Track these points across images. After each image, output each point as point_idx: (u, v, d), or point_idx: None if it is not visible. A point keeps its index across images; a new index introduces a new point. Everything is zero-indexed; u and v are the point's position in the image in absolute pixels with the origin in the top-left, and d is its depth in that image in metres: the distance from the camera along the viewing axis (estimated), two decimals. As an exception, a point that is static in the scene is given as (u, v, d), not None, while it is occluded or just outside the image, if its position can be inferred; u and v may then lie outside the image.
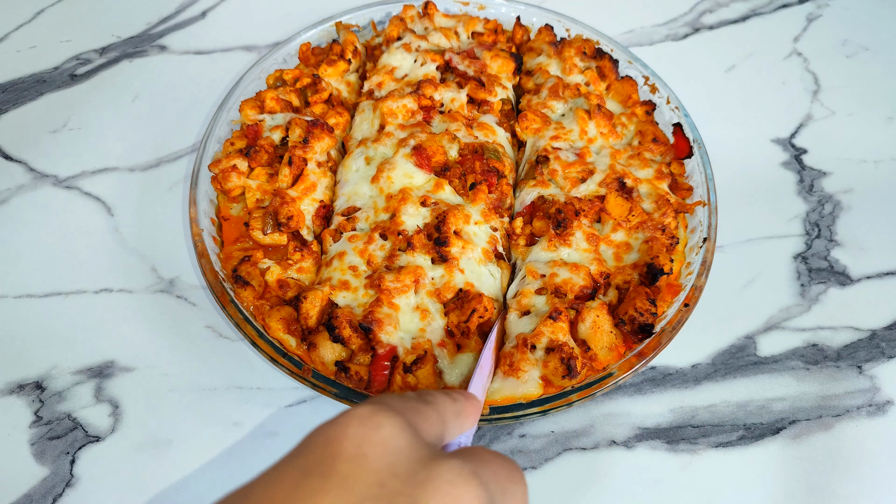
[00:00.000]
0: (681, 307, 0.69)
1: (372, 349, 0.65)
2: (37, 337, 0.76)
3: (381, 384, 0.65)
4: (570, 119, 0.85)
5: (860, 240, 0.87)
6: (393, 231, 0.73)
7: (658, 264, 0.70)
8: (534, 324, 0.67)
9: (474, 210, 0.76)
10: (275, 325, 0.67)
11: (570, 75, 0.90)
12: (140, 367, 0.74)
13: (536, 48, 0.96)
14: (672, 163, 0.82)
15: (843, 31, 1.09)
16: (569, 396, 0.64)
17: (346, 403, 0.63)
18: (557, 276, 0.70)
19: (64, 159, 0.90)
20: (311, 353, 0.66)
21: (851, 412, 0.73)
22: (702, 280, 0.71)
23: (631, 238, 0.75)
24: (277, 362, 0.65)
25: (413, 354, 0.65)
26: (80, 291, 0.79)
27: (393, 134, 0.82)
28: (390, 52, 0.92)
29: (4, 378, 0.73)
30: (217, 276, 0.70)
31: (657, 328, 0.68)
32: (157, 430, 0.70)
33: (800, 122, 0.98)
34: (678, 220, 0.76)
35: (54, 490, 0.67)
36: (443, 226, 0.72)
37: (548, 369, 0.64)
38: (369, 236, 0.73)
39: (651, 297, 0.68)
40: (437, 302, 0.70)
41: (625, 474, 0.69)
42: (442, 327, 0.68)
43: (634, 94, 0.89)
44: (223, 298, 0.69)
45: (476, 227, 0.75)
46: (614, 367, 0.65)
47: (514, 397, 0.64)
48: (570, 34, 0.97)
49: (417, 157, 0.78)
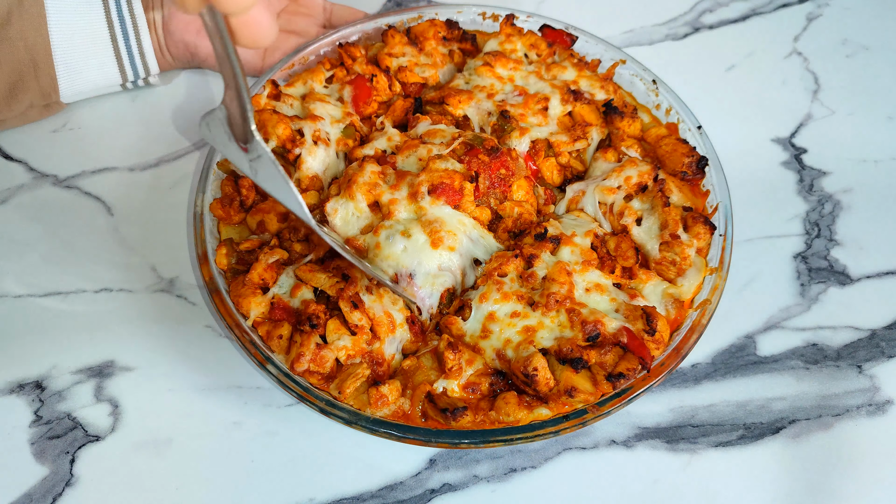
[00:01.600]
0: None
1: None
2: (37, 337, 0.76)
3: None
4: (477, 74, 0.88)
5: (860, 239, 0.87)
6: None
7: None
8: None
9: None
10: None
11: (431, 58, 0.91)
12: (140, 367, 0.74)
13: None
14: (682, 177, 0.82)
15: (843, 31, 1.09)
16: (560, 423, 0.64)
17: (330, 413, 0.64)
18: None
19: (64, 159, 0.90)
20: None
21: (851, 412, 0.73)
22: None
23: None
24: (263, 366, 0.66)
25: None
26: (80, 291, 0.79)
27: (396, 199, 0.74)
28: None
29: (4, 378, 0.73)
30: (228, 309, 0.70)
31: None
32: (157, 429, 0.70)
33: (800, 122, 0.98)
34: (693, 238, 0.75)
35: (54, 489, 0.67)
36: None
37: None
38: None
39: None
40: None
41: (625, 474, 0.69)
42: None
43: (542, 45, 0.92)
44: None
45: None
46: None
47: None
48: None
49: (444, 195, 0.73)
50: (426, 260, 0.71)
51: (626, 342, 0.66)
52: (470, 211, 0.75)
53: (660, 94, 0.89)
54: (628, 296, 0.71)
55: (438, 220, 0.72)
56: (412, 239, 0.71)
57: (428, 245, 0.71)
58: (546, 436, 0.64)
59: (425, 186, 0.73)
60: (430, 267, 0.71)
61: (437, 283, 0.71)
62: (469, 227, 0.74)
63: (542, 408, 0.64)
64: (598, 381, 0.66)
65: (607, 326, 0.67)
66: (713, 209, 0.79)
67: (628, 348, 0.66)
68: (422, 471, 0.69)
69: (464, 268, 0.73)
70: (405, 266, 0.70)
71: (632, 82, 0.91)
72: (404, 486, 0.68)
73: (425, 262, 0.71)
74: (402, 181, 0.74)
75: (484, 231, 0.75)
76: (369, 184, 0.74)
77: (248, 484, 0.68)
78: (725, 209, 0.78)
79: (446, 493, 0.68)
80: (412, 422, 0.65)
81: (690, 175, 0.81)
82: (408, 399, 0.66)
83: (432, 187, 0.73)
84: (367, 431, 0.64)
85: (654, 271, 0.74)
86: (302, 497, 0.67)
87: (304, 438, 0.70)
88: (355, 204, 0.74)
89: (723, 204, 0.78)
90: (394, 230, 0.72)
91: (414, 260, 0.70)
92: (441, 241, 0.71)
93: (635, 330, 0.67)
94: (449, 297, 0.73)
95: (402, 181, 0.74)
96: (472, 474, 0.69)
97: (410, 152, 0.78)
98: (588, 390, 0.65)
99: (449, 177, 0.73)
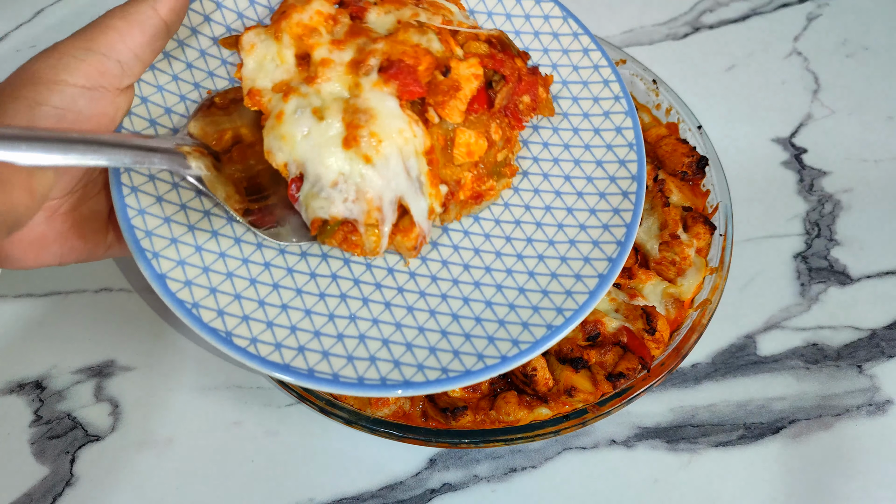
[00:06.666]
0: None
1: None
2: (37, 337, 0.76)
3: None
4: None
5: (860, 239, 0.87)
6: None
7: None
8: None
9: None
10: None
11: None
12: (140, 367, 0.74)
13: None
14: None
15: (843, 31, 1.09)
16: (560, 423, 0.64)
17: (330, 413, 0.64)
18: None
19: (64, 159, 0.90)
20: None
21: (851, 411, 0.73)
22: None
23: None
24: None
25: None
26: (80, 291, 0.79)
27: (332, 60, 0.53)
28: None
29: (4, 377, 0.73)
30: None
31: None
32: (157, 429, 0.70)
33: (800, 122, 0.98)
34: (693, 238, 0.75)
35: (54, 489, 0.67)
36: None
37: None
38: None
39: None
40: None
41: (625, 474, 0.69)
42: None
43: None
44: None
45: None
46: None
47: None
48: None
49: (396, 80, 0.51)
50: (326, 159, 0.50)
51: (625, 342, 0.66)
52: (432, 126, 0.53)
53: (660, 94, 0.89)
54: (628, 295, 0.71)
55: (369, 112, 0.51)
56: (323, 124, 0.51)
57: (339, 140, 0.50)
58: (546, 436, 0.64)
59: (377, 59, 0.52)
60: (326, 173, 0.50)
61: (321, 201, 0.51)
62: (409, 146, 0.52)
63: (542, 407, 0.64)
64: (598, 381, 0.66)
65: (607, 326, 0.67)
66: (713, 209, 0.79)
67: (628, 348, 0.66)
68: (422, 471, 0.69)
69: (380, 204, 0.52)
70: (296, 158, 0.51)
71: (632, 82, 0.91)
72: (404, 486, 0.68)
73: (324, 161, 0.50)
74: (352, 40, 0.54)
75: (426, 171, 0.53)
76: (307, 27, 0.54)
77: (248, 484, 0.68)
78: (725, 209, 0.78)
79: (446, 492, 0.68)
80: (412, 422, 0.65)
81: (690, 175, 0.81)
82: (408, 399, 0.66)
83: (388, 63, 0.52)
84: (367, 431, 0.64)
85: (654, 271, 0.74)
86: (302, 497, 0.67)
87: (304, 438, 0.70)
88: (279, 48, 0.54)
89: (723, 204, 0.78)
90: (307, 103, 0.52)
91: (311, 153, 0.51)
92: (356, 142, 0.50)
93: (635, 329, 0.67)
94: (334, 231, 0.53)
95: (351, 40, 0.54)
96: (472, 474, 0.69)
97: (392, 8, 0.57)
98: (588, 390, 0.65)
99: (415, 56, 0.52)
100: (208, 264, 0.53)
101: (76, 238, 0.54)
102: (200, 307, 0.51)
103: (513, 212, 0.62)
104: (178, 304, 0.50)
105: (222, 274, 0.53)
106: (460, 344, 0.53)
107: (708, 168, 0.81)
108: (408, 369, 0.51)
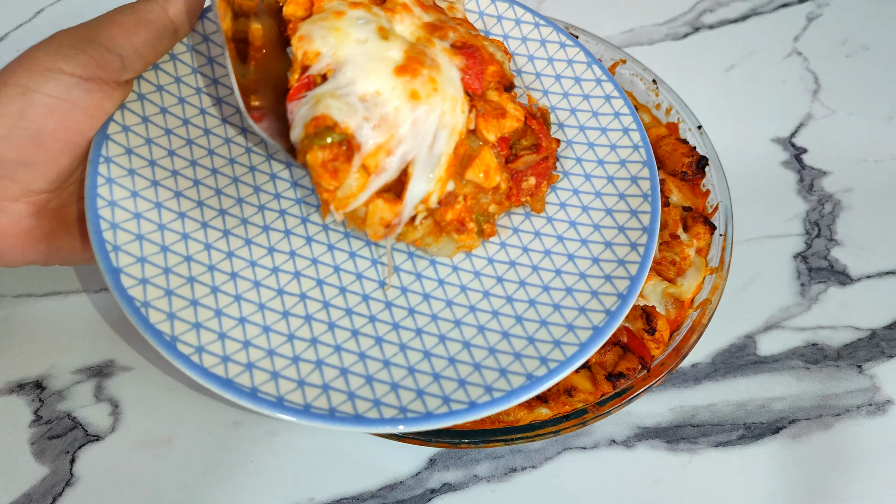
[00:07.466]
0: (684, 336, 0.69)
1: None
2: (37, 337, 0.76)
3: None
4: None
5: (860, 239, 0.87)
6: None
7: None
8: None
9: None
10: None
11: None
12: (140, 367, 0.74)
13: None
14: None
15: (843, 31, 1.09)
16: (560, 423, 0.64)
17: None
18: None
19: (64, 159, 0.90)
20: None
21: (851, 412, 0.73)
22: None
23: None
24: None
25: None
26: (80, 291, 0.79)
27: (413, 11, 0.50)
28: None
29: (4, 377, 0.73)
30: None
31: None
32: (157, 429, 0.70)
33: (800, 122, 0.98)
34: (693, 238, 0.75)
35: (54, 489, 0.67)
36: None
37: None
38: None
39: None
40: None
41: (625, 474, 0.69)
42: None
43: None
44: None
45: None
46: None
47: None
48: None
49: (467, 59, 0.49)
50: (372, 71, 0.45)
51: (625, 342, 0.66)
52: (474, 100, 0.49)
53: (660, 94, 0.89)
54: (628, 295, 0.71)
55: (435, 62, 0.47)
56: (385, 43, 0.47)
57: (393, 65, 0.46)
58: (546, 436, 0.63)
59: (456, 35, 0.50)
60: (363, 82, 0.45)
61: (341, 103, 0.45)
62: (450, 117, 0.47)
63: (541, 407, 0.64)
64: (598, 381, 0.66)
65: None
66: (713, 209, 0.79)
67: (628, 348, 0.66)
68: (422, 471, 0.69)
69: (391, 149, 0.46)
70: (338, 55, 0.46)
71: (632, 82, 0.91)
72: (404, 486, 0.68)
73: (369, 70, 0.45)
74: (435, 12, 0.52)
75: (448, 153, 0.48)
76: None
77: (248, 484, 0.68)
78: (725, 209, 0.78)
79: (446, 492, 0.68)
80: (412, 421, 0.65)
81: (690, 175, 0.81)
82: None
83: (462, 44, 0.50)
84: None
85: (654, 271, 0.74)
86: (302, 497, 0.67)
87: (304, 438, 0.70)
88: None
89: (723, 204, 0.78)
90: (375, 20, 0.48)
91: (359, 58, 0.46)
92: (413, 74, 0.46)
93: (635, 329, 0.67)
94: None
95: (434, 11, 0.52)
96: (472, 474, 0.69)
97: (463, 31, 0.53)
98: (588, 390, 0.65)
99: (489, 56, 0.51)
100: (171, 265, 0.52)
101: (64, 236, 0.54)
102: (150, 307, 0.49)
103: (509, 252, 0.61)
104: (127, 301, 0.48)
105: (183, 277, 0.52)
106: (468, 373, 0.53)
107: (708, 168, 0.81)
108: (414, 401, 0.51)
